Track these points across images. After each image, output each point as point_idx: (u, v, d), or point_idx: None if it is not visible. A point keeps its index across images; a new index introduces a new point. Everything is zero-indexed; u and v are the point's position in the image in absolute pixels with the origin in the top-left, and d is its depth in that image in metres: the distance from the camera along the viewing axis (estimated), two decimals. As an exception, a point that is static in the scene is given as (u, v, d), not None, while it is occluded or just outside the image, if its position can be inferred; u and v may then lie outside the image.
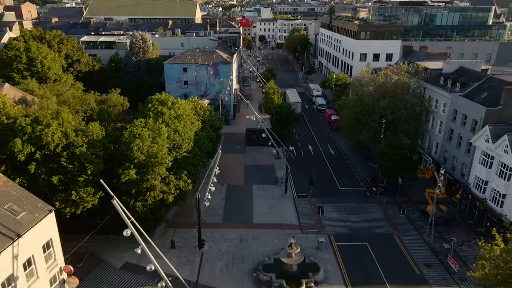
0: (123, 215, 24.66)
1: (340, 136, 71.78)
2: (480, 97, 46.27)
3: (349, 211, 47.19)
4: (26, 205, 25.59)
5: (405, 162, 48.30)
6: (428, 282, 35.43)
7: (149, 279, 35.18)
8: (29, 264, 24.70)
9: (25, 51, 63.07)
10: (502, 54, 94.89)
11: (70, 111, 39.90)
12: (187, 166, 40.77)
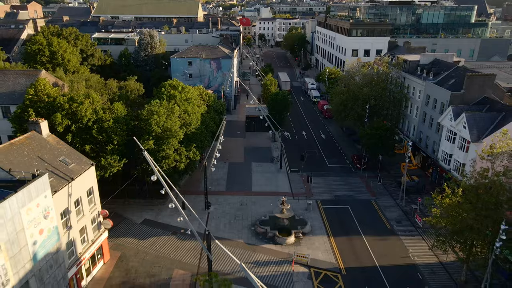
0: (151, 163, 31.66)
1: (331, 124, 79.11)
2: (448, 83, 53.43)
3: (335, 183, 54.43)
4: (74, 159, 32.81)
5: (384, 141, 55.48)
6: (397, 234, 42.64)
7: (164, 231, 42.46)
8: (78, 203, 31.90)
9: (48, 46, 70.18)
10: (484, 50, 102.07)
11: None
12: (195, 140, 47.96)
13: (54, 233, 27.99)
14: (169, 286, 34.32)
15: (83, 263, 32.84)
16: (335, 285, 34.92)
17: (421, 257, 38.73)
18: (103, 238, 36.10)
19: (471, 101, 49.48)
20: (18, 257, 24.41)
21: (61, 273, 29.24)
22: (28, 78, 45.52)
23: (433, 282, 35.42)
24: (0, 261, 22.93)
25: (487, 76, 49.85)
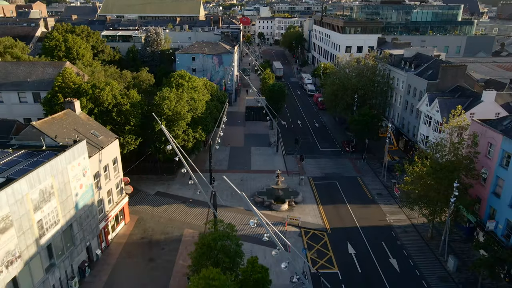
0: (167, 134, 37.92)
1: (325, 114, 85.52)
2: (426, 74, 59.76)
3: (325, 163, 60.80)
4: (102, 133, 39.18)
5: (370, 126, 61.80)
6: (377, 202, 49.03)
7: (175, 200, 48.83)
8: (105, 169, 38.25)
9: (64, 41, 76.47)
10: (470, 47, 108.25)
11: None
12: (201, 123, 54.36)
13: (89, 190, 34.35)
14: (181, 241, 40.67)
15: (110, 220, 39.19)
16: (321, 241, 41.27)
17: (396, 220, 45.14)
18: (124, 201, 42.48)
19: (446, 89, 55.75)
20: (65, 204, 30.75)
21: (94, 223, 35.63)
22: (55, 68, 51.87)
23: (404, 239, 41.78)
24: (53, 204, 29.27)
25: (459, 67, 56.20)
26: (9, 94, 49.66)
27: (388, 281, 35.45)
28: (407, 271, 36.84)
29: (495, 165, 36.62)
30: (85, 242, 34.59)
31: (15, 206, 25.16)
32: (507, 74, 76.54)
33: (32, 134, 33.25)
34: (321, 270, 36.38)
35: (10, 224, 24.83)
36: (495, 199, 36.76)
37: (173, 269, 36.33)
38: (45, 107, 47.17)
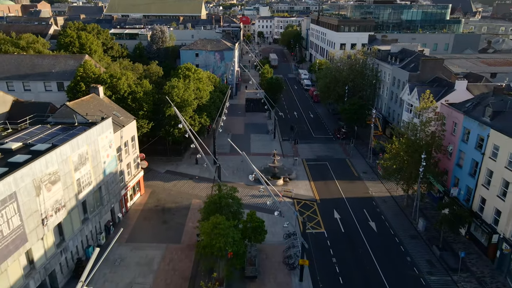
0: (179, 114, 44.23)
1: (319, 106, 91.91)
2: (409, 67, 66.08)
3: (318, 148, 67.15)
4: (122, 114, 45.51)
5: (359, 114, 68.10)
6: (362, 179, 55.36)
7: (183, 177, 55.12)
8: (125, 145, 44.57)
9: (77, 38, 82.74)
10: (458, 44, 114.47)
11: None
12: (206, 110, 60.66)
13: (114, 160, 40.68)
14: (189, 208, 46.97)
15: (128, 190, 45.51)
16: (311, 209, 47.60)
17: (377, 193, 51.49)
18: (140, 175, 48.82)
19: (425, 80, 62.04)
20: (96, 169, 37.08)
21: (117, 189, 41.98)
22: (75, 61, 58.21)
23: (383, 207, 48.10)
24: (88, 168, 35.59)
25: (437, 60, 62.61)
26: (36, 84, 56.02)
27: (366, 238, 41.79)
28: (383, 231, 43.18)
29: (458, 140, 42.95)
30: (110, 204, 40.92)
31: (62, 165, 31.45)
32: (488, 69, 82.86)
33: (66, 112, 39.55)
34: (310, 230, 42.70)
35: (58, 178, 31.12)
36: (458, 170, 43.09)
37: (184, 229, 42.66)
38: (69, 94, 53.44)
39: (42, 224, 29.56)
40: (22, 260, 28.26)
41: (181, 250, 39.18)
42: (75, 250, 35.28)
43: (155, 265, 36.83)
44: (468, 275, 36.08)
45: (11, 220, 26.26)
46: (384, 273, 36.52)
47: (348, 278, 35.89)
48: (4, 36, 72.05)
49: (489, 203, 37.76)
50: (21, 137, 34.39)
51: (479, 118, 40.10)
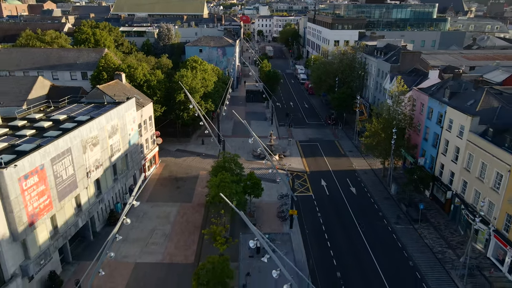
0: (189, 95, 52.36)
1: (313, 98, 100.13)
2: (391, 59, 74.18)
3: (310, 132, 75.36)
4: (142, 97, 53.66)
5: (347, 102, 76.22)
6: (347, 156, 63.57)
7: (191, 154, 63.27)
8: (145, 123, 52.74)
9: (93, 35, 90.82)
10: (444, 41, 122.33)
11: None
12: (211, 97, 68.81)
13: (136, 133, 48.86)
14: (198, 177, 55.12)
15: (147, 161, 53.68)
16: (302, 178, 55.79)
17: (359, 166, 59.67)
18: (155, 150, 56.99)
19: (405, 71, 70.06)
20: (124, 139, 45.24)
21: (139, 158, 50.18)
22: (97, 54, 66.37)
23: (363, 177, 56.28)
24: (118, 137, 43.74)
25: (415, 53, 70.84)
26: (63, 73, 64.18)
27: (347, 199, 49.98)
28: (362, 194, 51.37)
29: (425, 118, 51.10)
30: (133, 171, 49.11)
31: (100, 132, 39.61)
32: (468, 62, 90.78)
33: (96, 94, 47.67)
34: (300, 194, 50.89)
35: (97, 142, 39.28)
36: (424, 143, 51.26)
37: (194, 192, 50.85)
38: (93, 82, 61.55)
39: (86, 176, 37.72)
40: (73, 202, 36.44)
41: (192, 207, 47.38)
42: (108, 204, 43.50)
43: (171, 218, 45.05)
44: (427, 225, 44.26)
45: (67, 168, 34.42)
46: (360, 224, 44.67)
47: (330, 227, 44.07)
48: (31, 32, 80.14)
49: (446, 167, 45.94)
50: (64, 112, 42.54)
51: (440, 99, 48.21)
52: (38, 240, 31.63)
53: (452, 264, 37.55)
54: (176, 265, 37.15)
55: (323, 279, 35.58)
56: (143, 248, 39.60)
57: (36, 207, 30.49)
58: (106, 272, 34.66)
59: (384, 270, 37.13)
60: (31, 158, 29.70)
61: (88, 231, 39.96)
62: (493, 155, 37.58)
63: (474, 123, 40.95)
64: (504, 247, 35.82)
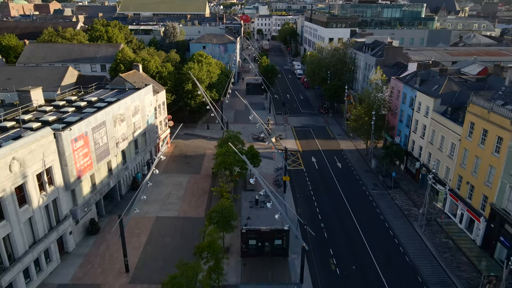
0: (197, 83, 60.60)
1: (308, 91, 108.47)
2: (377, 54, 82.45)
3: (304, 119, 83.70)
4: (156, 85, 61.91)
5: (338, 93, 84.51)
6: (336, 139, 71.91)
7: (198, 137, 71.54)
8: (159, 107, 61.01)
9: (105, 33, 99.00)
10: (431, 39, 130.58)
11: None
12: (215, 87, 77.09)
13: (152, 115, 57.12)
14: (205, 155, 63.39)
15: (160, 140, 61.94)
16: (295, 156, 64.07)
17: (346, 147, 67.99)
18: (167, 132, 65.27)
19: (389, 64, 78.31)
20: (143, 118, 53.49)
21: (154, 137, 58.47)
22: (114, 48, 74.63)
23: (349, 155, 64.60)
24: (139, 116, 51.98)
25: (397, 48, 79.04)
26: (85, 65, 72.41)
27: (333, 172, 58.28)
28: (346, 168, 59.67)
29: (400, 103, 59.37)
30: (150, 147, 57.40)
31: (126, 110, 47.86)
32: (450, 58, 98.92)
33: (119, 81, 55.91)
34: (293, 168, 59.18)
35: (123, 119, 47.53)
36: (400, 124, 59.56)
37: (202, 166, 59.17)
38: (111, 73, 69.73)
39: (116, 146, 46.00)
40: (106, 166, 44.74)
41: (201, 177, 55.71)
42: (131, 172, 51.80)
43: (184, 185, 53.38)
44: (399, 190, 52.59)
45: (103, 138, 42.68)
46: (342, 189, 53.03)
47: (317, 192, 52.36)
48: (53, 30, 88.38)
49: (416, 143, 54.27)
50: (94, 95, 50.79)
51: (412, 85, 56.47)
52: (83, 191, 39.94)
53: (415, 218, 45.85)
54: (189, 218, 45.45)
55: (310, 228, 43.82)
56: (162, 206, 47.91)
57: (82, 164, 38.80)
58: (132, 223, 43.14)
59: (361, 223, 45.39)
60: (79, 126, 38.01)
61: (116, 192, 48.27)
62: (449, 128, 45.92)
63: (437, 103, 49.25)
64: (456, 202, 44.17)
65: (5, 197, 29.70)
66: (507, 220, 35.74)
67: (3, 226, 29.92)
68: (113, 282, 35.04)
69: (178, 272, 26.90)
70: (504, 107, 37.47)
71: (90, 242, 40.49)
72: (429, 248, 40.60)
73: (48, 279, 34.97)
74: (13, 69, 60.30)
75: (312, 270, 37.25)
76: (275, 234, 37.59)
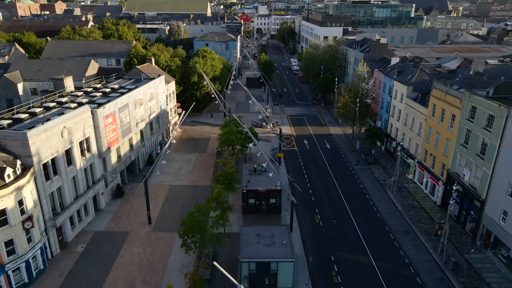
0: (203, 74, 68.94)
1: (304, 85, 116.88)
2: (365, 50, 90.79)
3: (299, 109, 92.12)
4: (167, 76, 70.27)
5: (330, 85, 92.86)
6: (327, 125, 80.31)
7: (203, 124, 79.88)
8: (169, 95, 69.34)
9: (116, 31, 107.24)
10: (420, 37, 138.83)
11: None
12: (218, 80, 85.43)
13: (164, 101, 65.44)
14: (209, 139, 71.72)
15: (170, 125, 70.24)
16: (289, 139, 72.42)
17: (335, 132, 76.39)
18: (176, 118, 73.60)
19: (375, 59, 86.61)
20: (157, 104, 61.79)
21: (166, 121, 66.82)
22: (127, 45, 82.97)
23: (337, 139, 72.97)
24: (154, 102, 60.30)
25: (383, 44, 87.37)
26: (101, 60, 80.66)
27: (322, 152, 66.63)
28: (334, 149, 68.03)
29: (382, 92, 67.71)
30: (162, 130, 65.71)
31: (143, 95, 56.15)
32: (434, 54, 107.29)
33: (135, 72, 64.16)
34: (287, 148, 67.51)
35: (142, 102, 55.83)
36: (381, 110, 67.90)
37: (207, 147, 67.53)
38: (126, 66, 78.00)
39: (136, 126, 54.32)
40: (128, 142, 53.07)
41: (207, 156, 64.09)
42: (147, 149, 60.13)
43: (192, 161, 61.74)
44: (378, 166, 60.96)
45: (126, 117, 50.98)
46: (329, 165, 61.36)
47: (307, 166, 60.71)
48: (70, 28, 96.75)
49: (394, 125, 62.63)
50: (115, 84, 59.08)
51: (391, 76, 64.78)
52: (111, 160, 48.31)
53: (389, 186, 54.22)
54: (198, 187, 53.77)
55: (302, 196, 52.14)
56: (175, 177, 56.27)
57: (111, 138, 47.14)
58: (151, 190, 51.39)
59: (343, 190, 53.69)
60: (109, 105, 46.34)
61: (135, 166, 56.63)
62: (418, 111, 54.29)
63: (409, 90, 57.57)
64: (422, 172, 52.56)
65: (58, 157, 38.02)
66: (458, 181, 44.10)
67: (57, 180, 38.26)
68: (139, 230, 43.41)
69: (195, 209, 35.19)
70: (457, 90, 45.82)
71: (117, 203, 48.87)
72: (398, 208, 48.98)
73: (87, 228, 43.34)
74: (42, 62, 68.53)
75: (300, 224, 45.56)
76: (270, 194, 45.93)
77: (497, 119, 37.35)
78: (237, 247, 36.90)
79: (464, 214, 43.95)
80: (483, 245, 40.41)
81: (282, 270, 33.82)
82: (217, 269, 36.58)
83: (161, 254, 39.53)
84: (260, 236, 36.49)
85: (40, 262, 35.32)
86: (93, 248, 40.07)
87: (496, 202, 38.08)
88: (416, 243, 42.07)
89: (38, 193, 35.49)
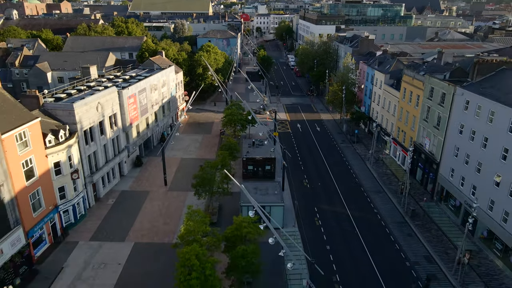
0: (209, 66, 78.14)
1: (300, 79, 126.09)
2: (355, 45, 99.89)
3: (294, 99, 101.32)
4: (176, 67, 79.42)
5: (322, 78, 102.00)
6: (318, 112, 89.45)
7: (207, 112, 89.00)
8: (178, 84, 78.47)
9: (126, 28, 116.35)
10: (409, 35, 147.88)
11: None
12: (221, 72, 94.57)
13: (174, 88, 74.58)
14: (213, 122, 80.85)
15: (179, 112, 79.36)
16: (284, 123, 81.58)
17: (325, 118, 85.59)
18: (183, 105, 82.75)
19: (363, 53, 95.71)
20: (168, 90, 70.91)
21: (175, 107, 75.99)
22: (139, 40, 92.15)
23: (327, 123, 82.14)
24: (165, 88, 69.42)
25: (370, 40, 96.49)
26: (116, 53, 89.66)
27: (313, 134, 75.81)
28: (323, 132, 77.19)
29: (365, 81, 76.85)
30: (172, 114, 74.85)
31: (157, 82, 65.26)
32: (420, 50, 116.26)
33: (148, 63, 73.25)
34: (282, 131, 76.65)
35: (156, 88, 64.94)
36: (365, 97, 77.08)
37: (212, 129, 76.72)
38: (138, 59, 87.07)
39: (151, 107, 63.45)
40: (145, 121, 62.20)
41: (211, 136, 73.31)
42: (160, 129, 69.28)
43: (199, 140, 70.93)
44: (361, 144, 70.12)
45: (144, 99, 60.10)
46: (318, 144, 70.54)
47: (298, 144, 69.87)
48: (85, 25, 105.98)
49: (375, 109, 71.82)
50: (132, 72, 68.16)
51: (373, 67, 73.91)
52: (133, 134, 57.47)
53: (368, 159, 63.39)
54: (205, 159, 62.81)
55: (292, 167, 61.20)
56: (184, 152, 65.45)
57: (132, 115, 56.30)
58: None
59: (329, 164, 62.79)
60: (130, 88, 55.49)
61: (151, 142, 65.80)
62: (393, 95, 63.43)
63: (387, 78, 66.70)
64: (396, 146, 61.73)
65: (94, 127, 47.16)
66: (421, 150, 53.25)
67: (93, 145, 47.41)
68: (157, 190, 52.61)
69: (205, 165, 44.34)
70: (422, 75, 54.97)
71: (137, 171, 58.08)
72: (373, 174, 58.17)
73: (114, 188, 52.54)
74: (65, 55, 77.67)
75: (291, 187, 54.68)
76: (265, 161, 55.07)
77: (447, 96, 46.52)
78: (237, 203, 45.99)
79: (426, 177, 53.12)
80: (438, 200, 49.57)
81: (274, 212, 42.94)
82: (222, 215, 45.88)
83: (176, 207, 48.69)
84: (257, 189, 45.68)
85: (82, 208, 44.48)
86: (121, 202, 49.27)
87: (447, 163, 47.25)
88: (385, 198, 51.31)
89: (80, 154, 44.61)
